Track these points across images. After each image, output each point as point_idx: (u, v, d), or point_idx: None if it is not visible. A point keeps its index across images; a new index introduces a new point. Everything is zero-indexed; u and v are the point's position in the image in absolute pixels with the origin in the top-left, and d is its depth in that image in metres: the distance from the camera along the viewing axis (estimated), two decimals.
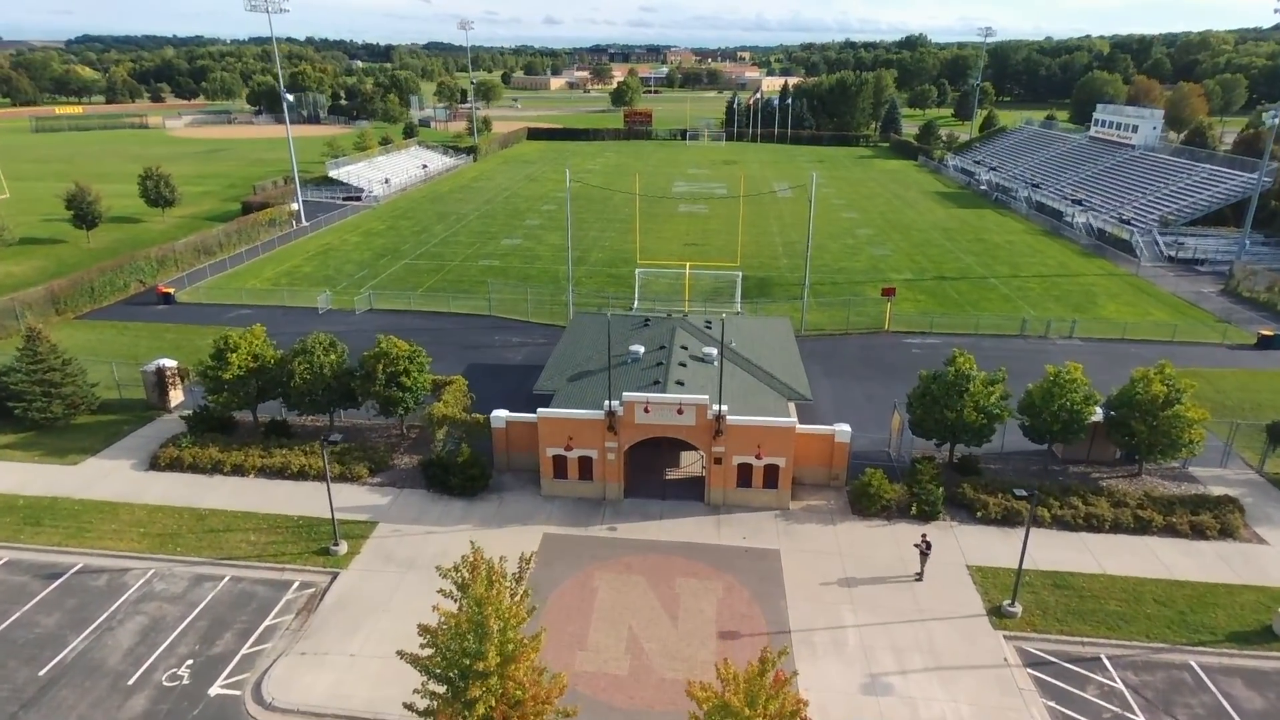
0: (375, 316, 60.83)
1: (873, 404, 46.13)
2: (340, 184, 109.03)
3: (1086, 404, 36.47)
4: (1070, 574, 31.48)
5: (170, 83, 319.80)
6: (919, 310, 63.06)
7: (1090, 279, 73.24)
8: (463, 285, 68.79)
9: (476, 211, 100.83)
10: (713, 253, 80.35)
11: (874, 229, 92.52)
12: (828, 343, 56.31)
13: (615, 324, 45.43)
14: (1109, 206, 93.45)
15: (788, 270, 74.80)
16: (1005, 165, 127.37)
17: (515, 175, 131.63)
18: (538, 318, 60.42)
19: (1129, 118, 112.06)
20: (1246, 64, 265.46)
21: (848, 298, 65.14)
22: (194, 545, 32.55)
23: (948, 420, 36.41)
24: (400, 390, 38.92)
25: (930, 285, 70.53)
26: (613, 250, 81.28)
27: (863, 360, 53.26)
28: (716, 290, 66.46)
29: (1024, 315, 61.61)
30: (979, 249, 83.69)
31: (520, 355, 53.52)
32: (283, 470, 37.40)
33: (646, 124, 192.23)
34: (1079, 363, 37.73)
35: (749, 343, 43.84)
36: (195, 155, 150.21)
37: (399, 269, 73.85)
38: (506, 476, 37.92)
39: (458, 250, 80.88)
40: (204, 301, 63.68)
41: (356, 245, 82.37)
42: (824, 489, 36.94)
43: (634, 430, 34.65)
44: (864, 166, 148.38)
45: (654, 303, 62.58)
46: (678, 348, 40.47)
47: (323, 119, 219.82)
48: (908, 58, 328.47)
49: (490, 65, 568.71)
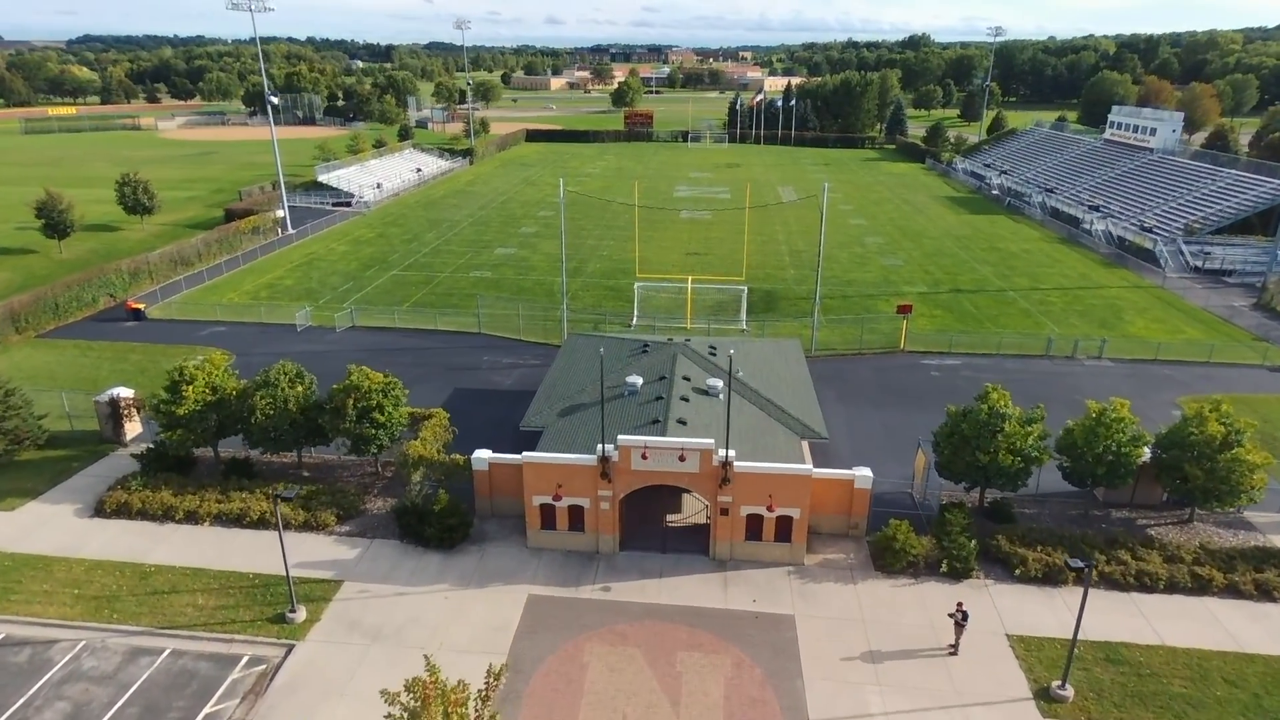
0: (357, 335, 57.16)
1: (891, 437, 42.40)
2: (330, 189, 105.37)
3: (1135, 446, 32.74)
4: (1125, 645, 27.73)
5: (167, 83, 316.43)
6: (936, 327, 59.30)
7: (1114, 291, 69.43)
8: (452, 299, 65.08)
9: (470, 218, 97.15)
10: (716, 263, 76.65)
11: (884, 237, 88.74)
12: (840, 364, 52.58)
13: (611, 349, 41.78)
14: (1129, 213, 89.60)
15: (795, 282, 71.05)
16: (1017, 169, 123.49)
17: (512, 179, 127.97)
18: (530, 336, 56.72)
19: (1147, 120, 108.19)
20: (1257, 64, 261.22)
21: (860, 315, 61.37)
22: (133, 610, 28.86)
23: (979, 463, 32.70)
24: (373, 427, 35.24)
25: (946, 299, 66.74)
26: (612, 260, 77.57)
27: (878, 384, 49.52)
28: (720, 305, 62.72)
29: (1048, 333, 57.88)
30: (995, 258, 79.89)
31: (510, 379, 49.82)
32: (241, 518, 33.71)
33: (648, 125, 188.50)
34: (1114, 391, 34.27)
35: (757, 370, 40.12)
36: (185, 158, 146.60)
37: (386, 281, 70.16)
38: (490, 524, 34.22)
39: (449, 260, 77.19)
40: (176, 318, 60.00)
41: (343, 255, 78.69)
42: (842, 539, 33.22)
43: (630, 477, 30.94)
44: (870, 170, 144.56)
45: (654, 319, 58.93)
46: (679, 378, 36.77)
47: (318, 120, 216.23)
48: (911, 58, 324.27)
49: (491, 65, 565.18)
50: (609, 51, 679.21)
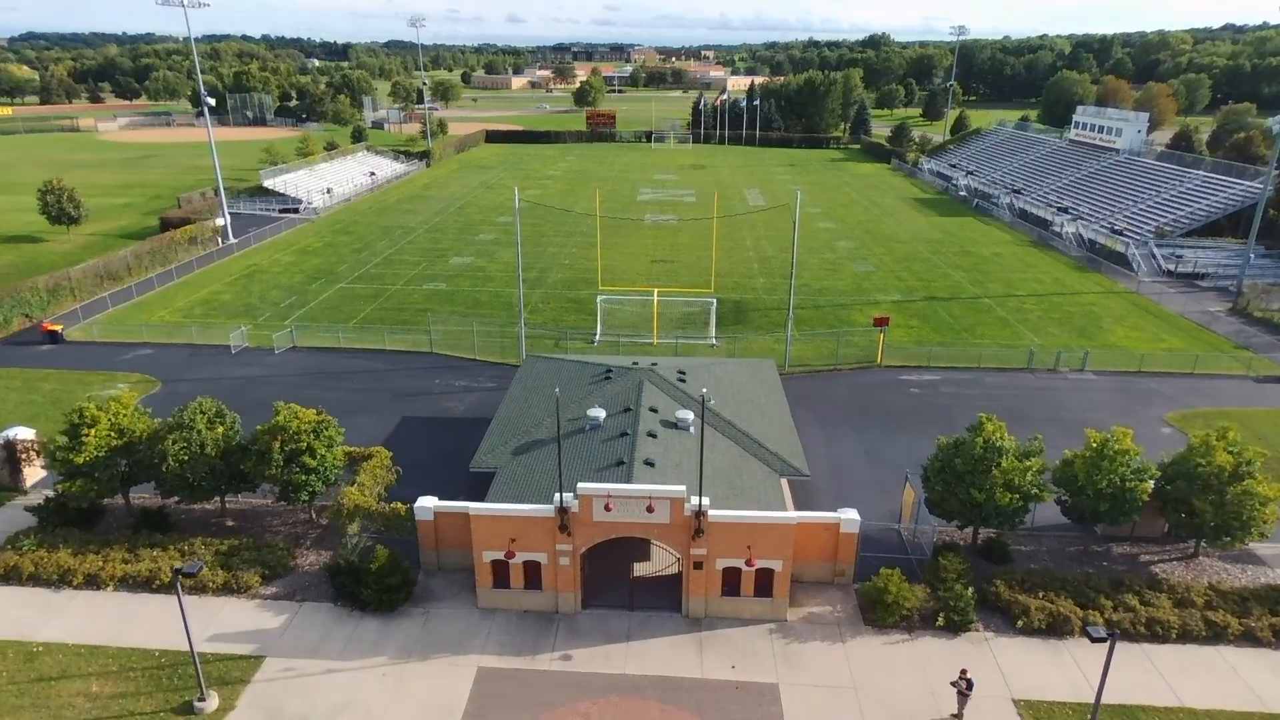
0: (298, 356, 52.89)
1: (874, 463, 39.61)
2: (276, 195, 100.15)
3: (1140, 480, 30.22)
4: (1143, 709, 25.10)
5: (112, 82, 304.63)
6: (913, 339, 56.84)
7: (1089, 298, 67.75)
8: (403, 315, 61.00)
9: (425, 225, 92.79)
10: (683, 271, 73.53)
11: (854, 241, 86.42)
12: (815, 382, 49.75)
13: (571, 376, 38.37)
14: (1098, 215, 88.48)
15: (765, 291, 68.20)
16: (983, 169, 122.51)
17: (470, 183, 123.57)
18: (486, 355, 52.99)
19: (1111, 120, 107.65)
20: (1208, 64, 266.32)
21: (835, 329, 58.66)
22: (12, 703, 24.72)
23: (974, 501, 29.93)
24: (303, 472, 31.37)
25: (921, 308, 64.40)
26: (574, 269, 73.98)
27: (856, 403, 46.76)
28: (688, 319, 59.58)
29: (1028, 343, 55.74)
30: (967, 263, 77.95)
31: (464, 404, 46.08)
32: (150, 581, 29.61)
33: (610, 126, 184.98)
34: (1101, 406, 31.80)
35: (730, 397, 37.02)
36: (123, 162, 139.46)
37: (333, 295, 65.75)
38: (436, 579, 30.59)
39: (401, 271, 72.93)
40: (98, 340, 55.11)
41: (287, 267, 73.99)
42: (828, 588, 30.22)
43: (592, 530, 27.56)
44: (836, 170, 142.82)
45: (618, 335, 55.58)
46: (645, 410, 33.48)
47: (269, 121, 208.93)
48: (873, 57, 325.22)
49: (451, 64, 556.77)
50: (571, 50, 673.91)
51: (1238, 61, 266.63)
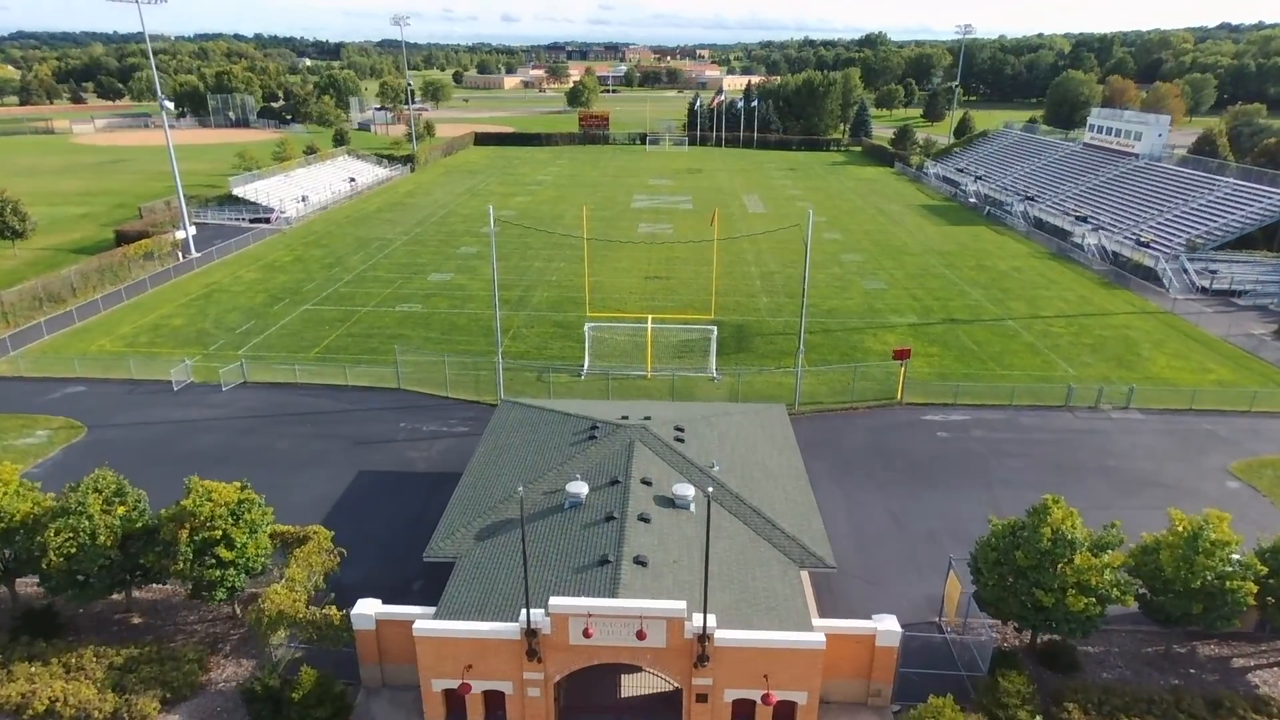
0: (248, 394, 47.11)
1: (903, 531, 34.08)
2: (248, 204, 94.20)
3: (1243, 578, 24.68)
4: None
5: (96, 82, 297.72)
6: (935, 370, 51.31)
7: (1121, 319, 62.33)
8: (372, 342, 55.25)
9: (405, 236, 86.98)
10: (679, 289, 67.91)
11: (862, 254, 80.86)
12: (829, 423, 44.17)
13: (550, 432, 32.79)
14: (1121, 226, 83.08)
15: (768, 313, 62.59)
16: (993, 174, 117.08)
17: (456, 189, 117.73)
18: (459, 392, 47.30)
19: (1129, 124, 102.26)
20: (1212, 63, 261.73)
21: (849, 360, 53.10)
22: None
23: (1040, 604, 24.39)
24: (218, 566, 25.67)
25: (940, 332, 58.86)
26: (562, 287, 68.24)
27: (877, 451, 41.18)
28: (685, 346, 53.95)
29: (1062, 375, 50.32)
30: (986, 279, 72.45)
31: (431, 454, 40.39)
32: (21, 710, 23.87)
33: (603, 128, 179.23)
34: (1154, 453, 26.35)
35: (738, 460, 31.41)
36: (93, 167, 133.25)
37: (295, 319, 59.95)
38: (379, 701, 24.95)
39: (373, 290, 67.12)
40: (25, 375, 49.22)
41: (250, 285, 68.11)
42: (858, 712, 24.64)
43: (568, 655, 21.95)
44: (838, 174, 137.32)
45: (608, 368, 49.95)
46: (637, 482, 27.85)
47: (252, 123, 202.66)
48: (870, 56, 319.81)
49: (444, 63, 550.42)
50: (565, 50, 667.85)
51: (1242, 61, 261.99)
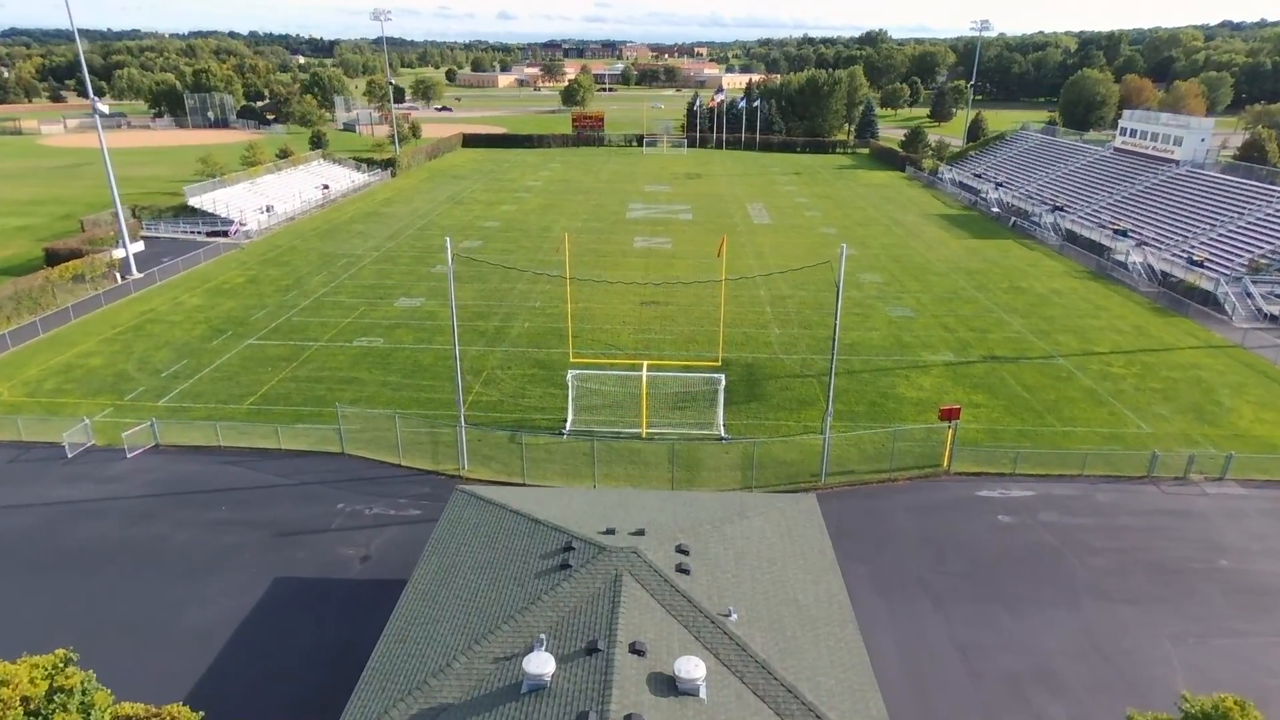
0: (157, 462, 38.93)
1: (975, 673, 26.01)
2: (206, 215, 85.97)
3: None
4: None
5: (78, 80, 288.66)
6: (984, 425, 43.23)
7: (1186, 355, 54.32)
8: (319, 389, 47.05)
9: (376, 252, 78.78)
10: (679, 315, 59.82)
11: (882, 274, 72.75)
12: (864, 502, 36.10)
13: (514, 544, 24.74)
14: (1168, 241, 75.09)
15: (781, 348, 54.49)
16: (1014, 181, 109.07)
17: (438, 196, 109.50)
18: (414, 458, 39.18)
19: (1167, 127, 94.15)
20: (1227, 61, 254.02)
21: (882, 414, 44.97)
22: None
23: None
24: None
25: (982, 374, 50.78)
26: (546, 315, 60.05)
27: (927, 543, 33.13)
28: (687, 397, 45.81)
29: (1135, 431, 42.34)
30: (1024, 305, 64.37)
31: (370, 552, 32.25)
32: None
33: (598, 129, 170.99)
34: (1268, 541, 18.19)
35: (761, 592, 23.28)
36: (51, 171, 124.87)
37: (235, 358, 51.73)
38: None
39: (331, 319, 58.92)
40: None
41: (190, 314, 59.88)
42: None
43: None
44: (847, 180, 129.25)
45: (594, 428, 41.82)
46: (623, 652, 19.68)
47: (231, 123, 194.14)
48: (872, 54, 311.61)
49: (439, 61, 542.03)
50: (562, 47, 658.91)
51: (1258, 59, 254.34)
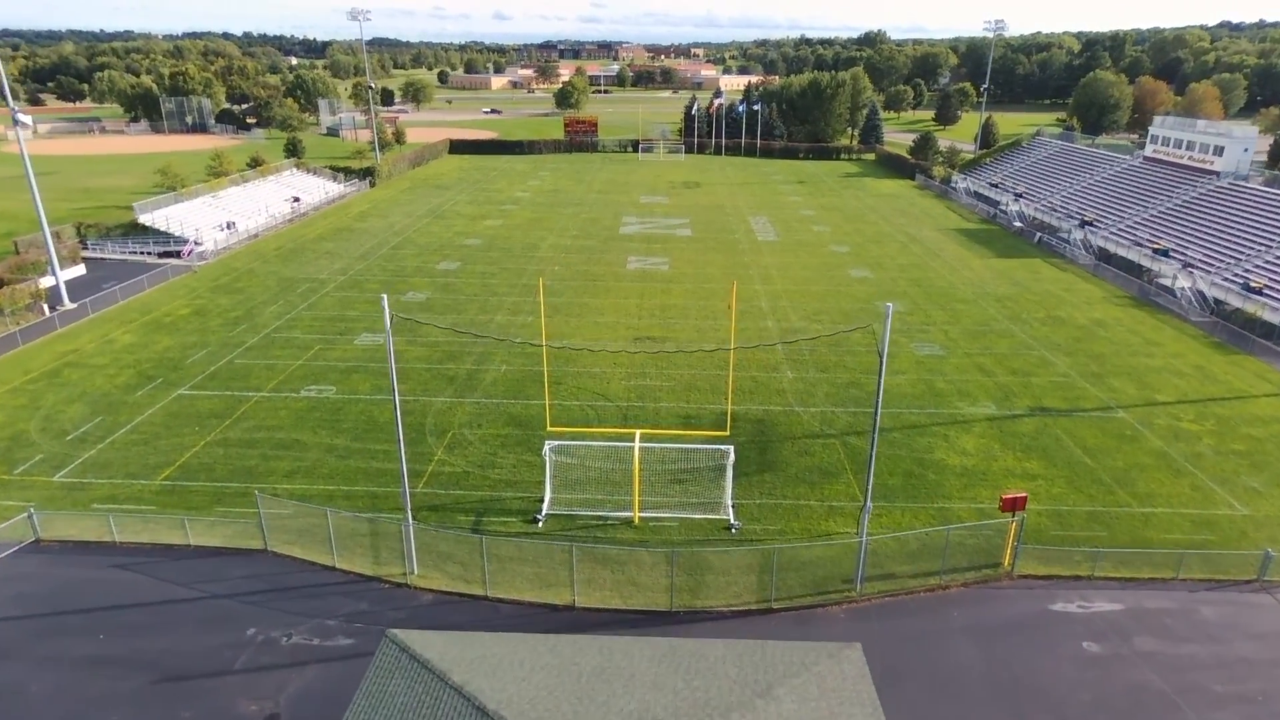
0: (29, 566, 31.44)
1: None
2: (158, 233, 78.42)
3: None
4: None
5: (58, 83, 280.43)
6: (1044, 503, 35.89)
7: (1266, 407, 47.01)
8: (250, 457, 39.57)
9: (342, 275, 71.28)
10: (679, 359, 52.32)
11: (904, 301, 65.34)
12: (909, 623, 28.74)
13: None
14: (1218, 264, 67.91)
15: (797, 398, 47.05)
16: (1036, 191, 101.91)
17: (418, 209, 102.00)
18: (351, 559, 31.74)
19: (1205, 135, 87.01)
20: (1237, 62, 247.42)
21: (922, 489, 37.55)
22: None
23: None
24: None
25: (1032, 431, 43.41)
26: (529, 356, 52.55)
27: (994, 689, 25.75)
28: (688, 471, 38.34)
29: (1226, 511, 35.04)
30: (1066, 340, 57.09)
31: (277, 712, 24.79)
32: None
33: (592, 134, 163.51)
34: None
35: None
36: (7, 181, 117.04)
37: (159, 412, 44.22)
38: None
39: (280, 362, 51.45)
40: None
41: (118, 355, 52.36)
42: None
43: None
44: (855, 189, 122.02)
45: (576, 510, 34.41)
46: None
47: (210, 128, 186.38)
48: (872, 55, 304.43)
49: (433, 62, 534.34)
50: (558, 48, 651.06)
51: (1269, 60, 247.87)
